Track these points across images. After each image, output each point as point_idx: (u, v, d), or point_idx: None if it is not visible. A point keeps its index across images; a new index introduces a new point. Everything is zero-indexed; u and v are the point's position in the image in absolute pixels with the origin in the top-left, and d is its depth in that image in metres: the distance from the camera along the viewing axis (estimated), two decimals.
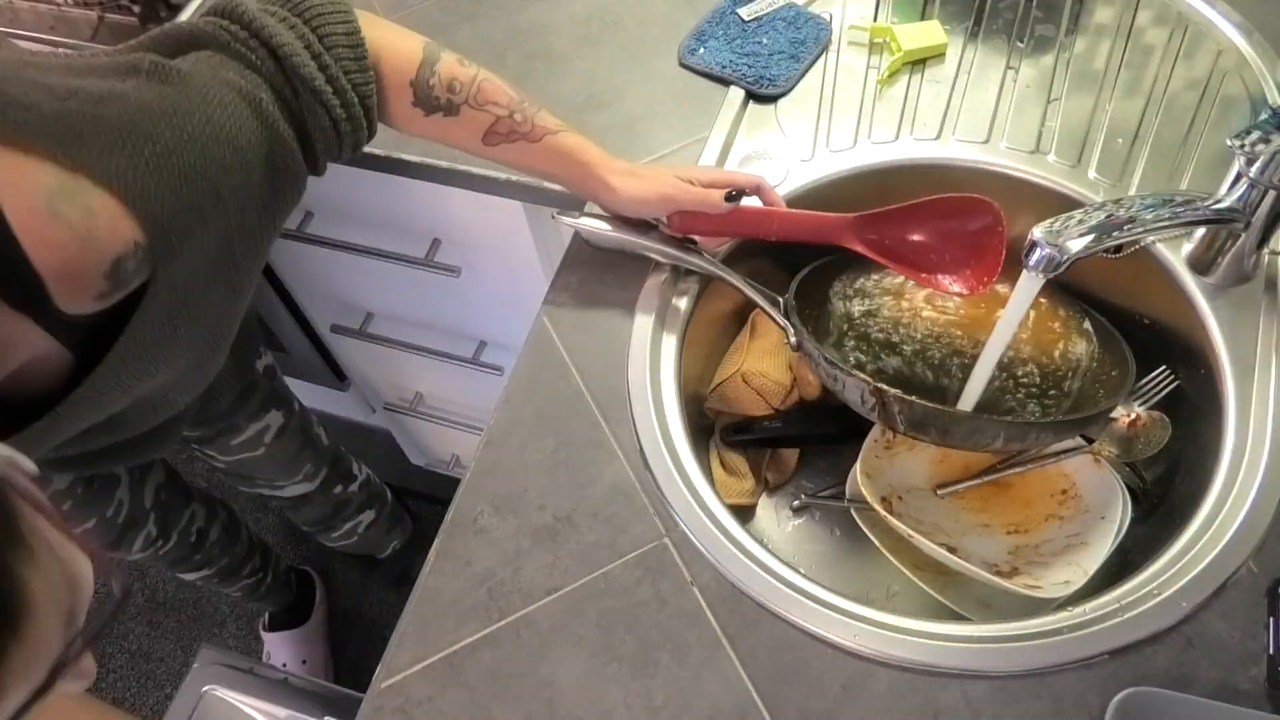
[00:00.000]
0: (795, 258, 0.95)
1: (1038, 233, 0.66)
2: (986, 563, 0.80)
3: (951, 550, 0.78)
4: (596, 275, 0.85)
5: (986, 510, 0.85)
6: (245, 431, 1.14)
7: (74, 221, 0.53)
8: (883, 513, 0.78)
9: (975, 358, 0.77)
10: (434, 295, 1.23)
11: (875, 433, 0.84)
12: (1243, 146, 0.72)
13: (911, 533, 0.75)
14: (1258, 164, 0.72)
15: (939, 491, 0.85)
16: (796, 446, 0.91)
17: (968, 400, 0.77)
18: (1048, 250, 0.65)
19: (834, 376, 0.76)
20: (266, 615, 1.66)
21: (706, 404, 0.90)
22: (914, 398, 0.71)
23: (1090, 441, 0.83)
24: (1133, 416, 0.81)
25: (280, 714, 1.16)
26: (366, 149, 0.95)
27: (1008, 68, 0.97)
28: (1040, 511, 0.83)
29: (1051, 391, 0.86)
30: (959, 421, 0.73)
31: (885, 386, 0.71)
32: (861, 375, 0.73)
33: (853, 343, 0.88)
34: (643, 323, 0.81)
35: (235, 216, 0.64)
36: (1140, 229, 0.68)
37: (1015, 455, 0.85)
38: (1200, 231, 0.81)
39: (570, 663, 0.67)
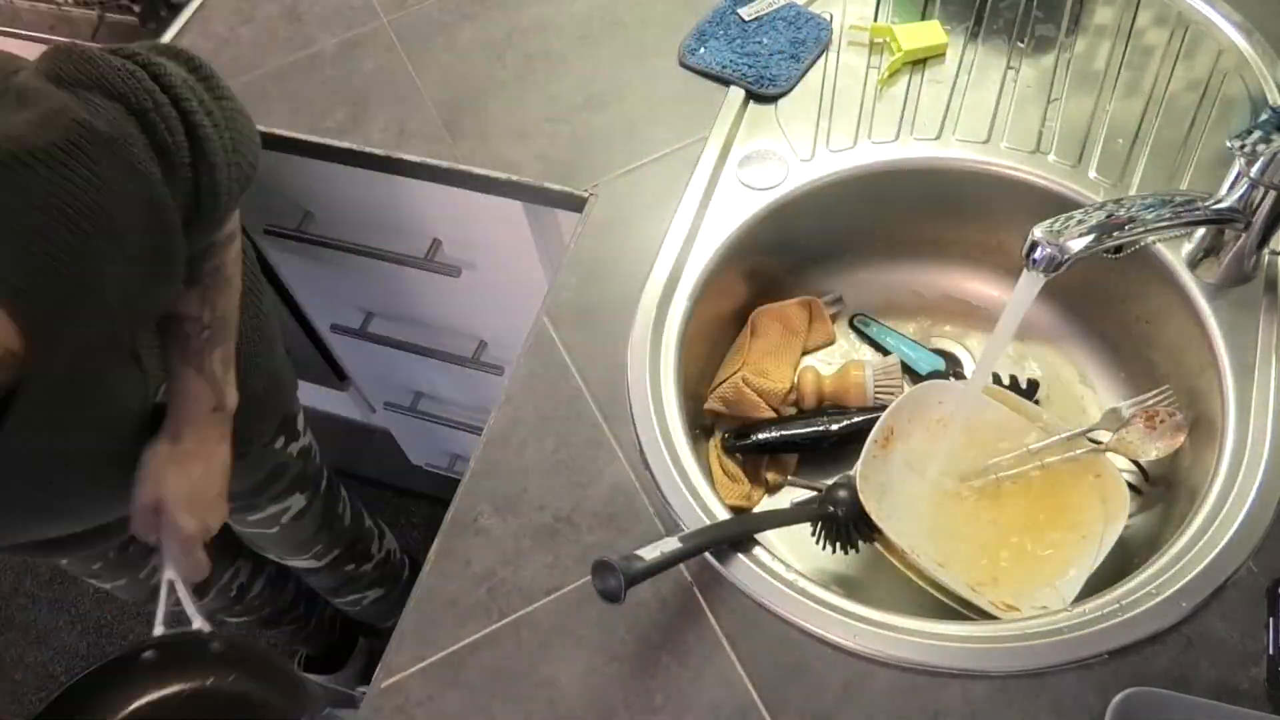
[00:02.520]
0: (797, 256, 0.95)
1: (1038, 232, 0.66)
2: (972, 566, 0.80)
3: (942, 556, 0.78)
4: (596, 275, 0.85)
5: (983, 509, 0.85)
6: (264, 510, 1.13)
7: None
8: (876, 520, 0.78)
9: None
10: (434, 295, 1.23)
11: (875, 433, 0.84)
12: (1243, 147, 0.72)
13: (901, 546, 0.75)
14: (1258, 164, 0.71)
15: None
16: (796, 452, 0.91)
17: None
18: (1048, 250, 0.65)
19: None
20: (303, 656, 1.60)
21: (706, 404, 0.90)
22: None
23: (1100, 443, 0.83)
24: (1150, 413, 0.81)
25: None
26: (366, 149, 0.95)
27: (1008, 68, 0.97)
28: (1041, 507, 0.83)
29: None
30: None
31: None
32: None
33: None
34: (642, 323, 0.81)
35: (116, 296, 0.63)
36: (1140, 229, 0.68)
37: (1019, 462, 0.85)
38: (1200, 231, 0.81)
39: (570, 663, 0.67)
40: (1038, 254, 0.66)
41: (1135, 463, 0.85)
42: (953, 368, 0.93)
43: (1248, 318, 0.79)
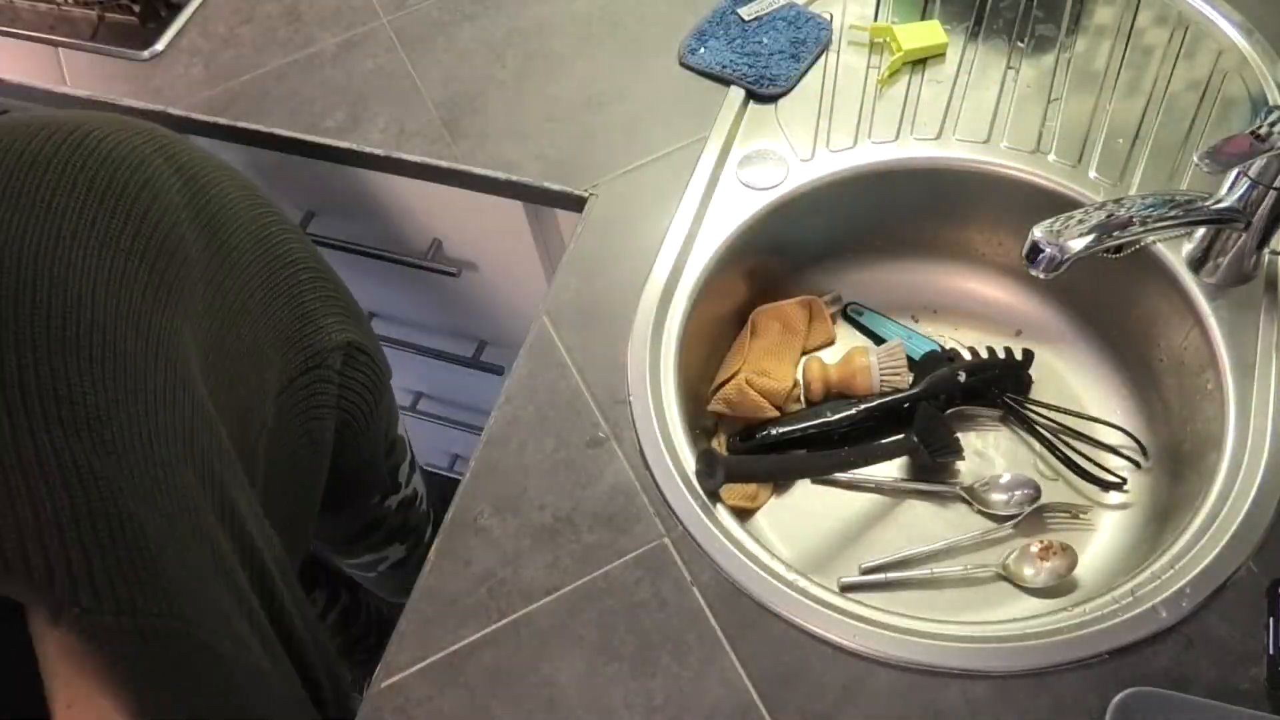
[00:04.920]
0: (797, 256, 0.95)
1: (1038, 232, 0.66)
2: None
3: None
4: (596, 275, 0.85)
5: None
6: (360, 558, 1.08)
7: None
8: None
9: None
10: (434, 295, 1.23)
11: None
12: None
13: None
14: (1258, 164, 0.71)
15: None
16: (805, 448, 0.91)
17: None
18: (1048, 250, 0.65)
19: None
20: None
21: (709, 406, 0.90)
22: None
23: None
24: (1045, 544, 0.80)
25: None
26: (366, 149, 0.95)
27: (1008, 68, 0.97)
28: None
29: None
30: None
31: None
32: None
33: None
34: (643, 322, 0.81)
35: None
36: (1140, 229, 0.68)
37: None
38: (1200, 231, 0.81)
39: (570, 663, 0.67)
40: (1038, 254, 0.66)
41: (1133, 437, 0.85)
42: (948, 354, 0.93)
43: (1248, 318, 0.79)
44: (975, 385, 0.88)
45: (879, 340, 0.94)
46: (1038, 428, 0.87)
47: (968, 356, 0.92)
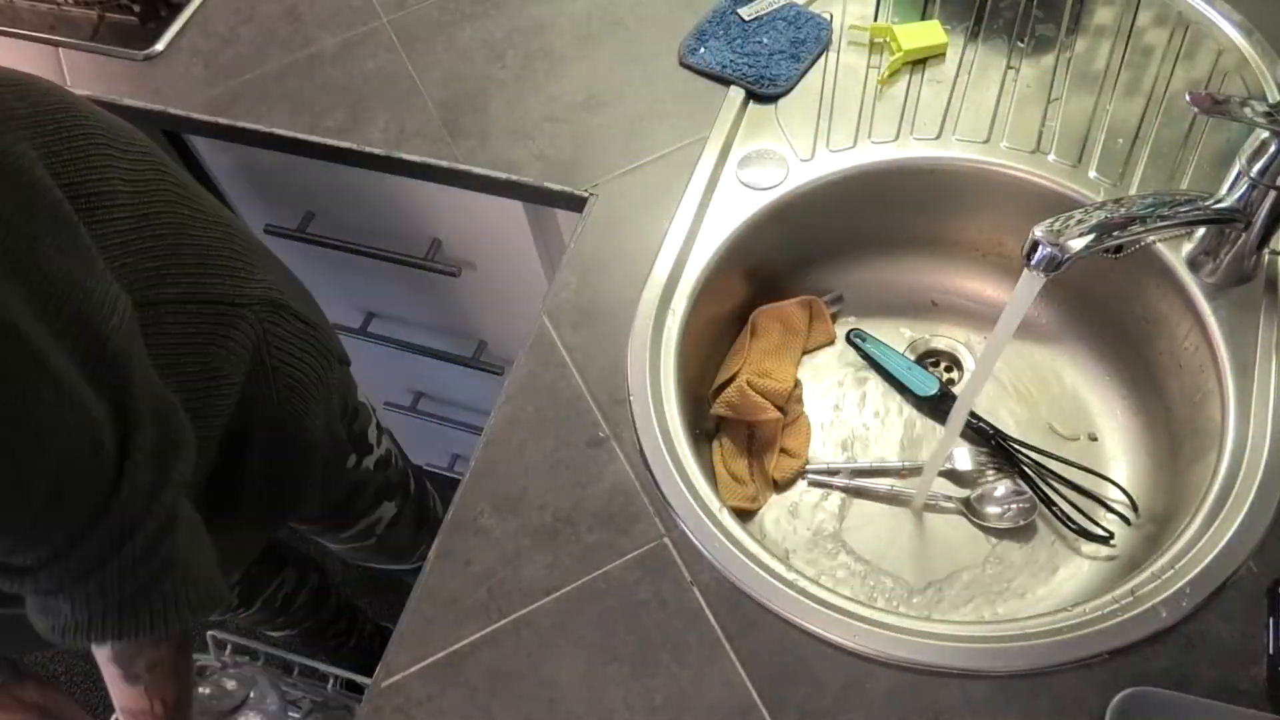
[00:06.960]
0: (797, 256, 0.95)
1: (1038, 232, 0.66)
2: None
3: None
4: (596, 275, 0.85)
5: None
6: (356, 526, 1.11)
7: None
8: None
9: None
10: (434, 295, 1.23)
11: None
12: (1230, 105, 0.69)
13: None
14: (1259, 164, 0.72)
15: None
16: None
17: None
18: (1048, 250, 0.65)
19: None
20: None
21: (712, 409, 0.90)
22: None
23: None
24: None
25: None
26: (366, 149, 0.95)
27: (1008, 68, 0.97)
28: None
29: None
30: None
31: None
32: None
33: None
34: (643, 322, 0.81)
35: None
36: (1140, 229, 0.68)
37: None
38: (1200, 231, 0.81)
39: (570, 663, 0.67)
40: (1038, 254, 0.66)
41: (1125, 492, 0.85)
42: (947, 387, 0.92)
43: (1248, 318, 0.79)
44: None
45: (881, 369, 0.94)
46: (1026, 469, 0.87)
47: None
